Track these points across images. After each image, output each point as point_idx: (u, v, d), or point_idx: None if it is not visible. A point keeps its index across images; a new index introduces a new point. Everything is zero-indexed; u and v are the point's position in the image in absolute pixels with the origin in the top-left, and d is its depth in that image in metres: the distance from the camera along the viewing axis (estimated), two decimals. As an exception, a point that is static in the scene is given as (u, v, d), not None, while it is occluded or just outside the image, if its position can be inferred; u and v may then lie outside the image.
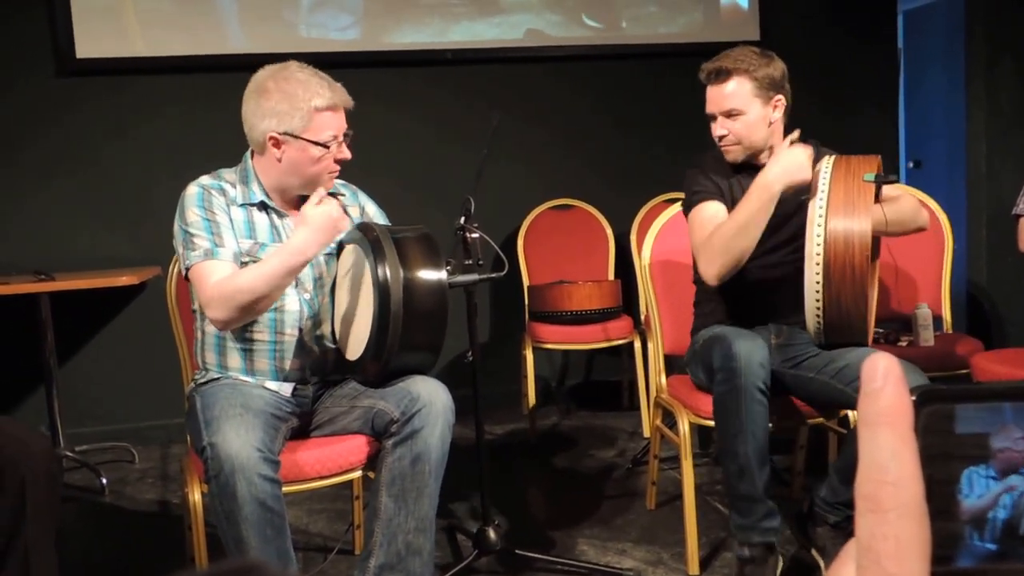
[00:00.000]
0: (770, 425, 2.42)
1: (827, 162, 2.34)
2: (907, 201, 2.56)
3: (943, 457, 0.40)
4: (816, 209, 2.27)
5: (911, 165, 6.13)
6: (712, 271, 2.50)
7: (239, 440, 2.02)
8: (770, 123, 2.58)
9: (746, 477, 2.39)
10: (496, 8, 4.68)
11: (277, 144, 2.28)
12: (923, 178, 5.83)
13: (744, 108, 2.55)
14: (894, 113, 5.33)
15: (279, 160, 2.30)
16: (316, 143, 2.27)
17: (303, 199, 2.41)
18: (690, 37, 4.87)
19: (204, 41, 4.30)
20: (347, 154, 2.34)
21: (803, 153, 2.42)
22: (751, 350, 2.36)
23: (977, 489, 0.40)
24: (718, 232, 2.49)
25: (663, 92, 4.90)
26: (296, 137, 2.26)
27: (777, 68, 2.57)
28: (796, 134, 2.52)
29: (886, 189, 2.51)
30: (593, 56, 4.79)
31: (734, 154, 2.62)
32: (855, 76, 5.03)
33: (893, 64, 5.33)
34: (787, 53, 2.74)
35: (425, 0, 4.59)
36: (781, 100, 2.58)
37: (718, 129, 2.61)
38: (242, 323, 2.25)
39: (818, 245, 2.25)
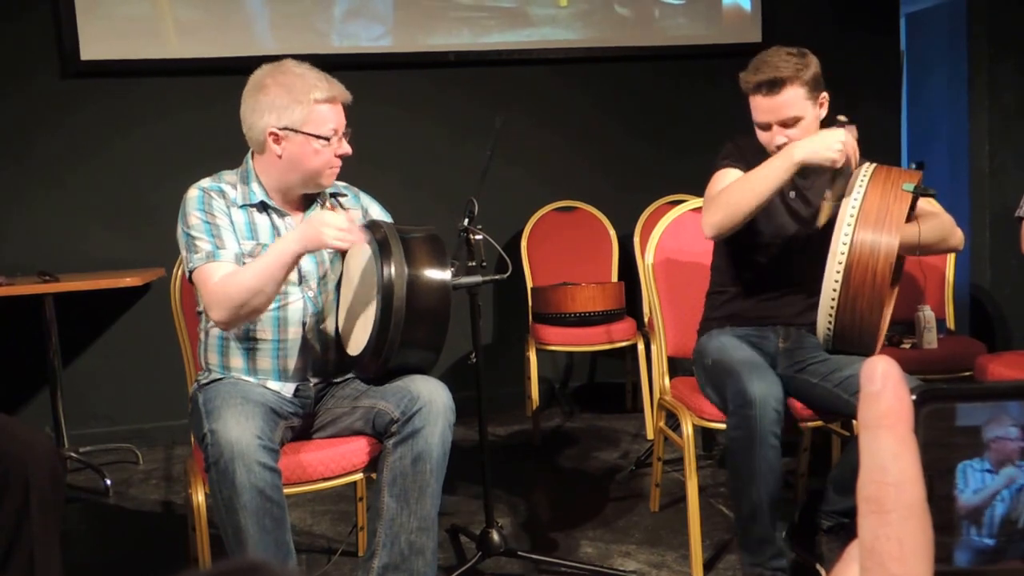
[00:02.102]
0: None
1: (866, 168, 2.34)
2: (943, 219, 2.54)
3: (943, 451, 0.41)
4: (848, 209, 2.26)
5: (913, 166, 6.13)
6: (712, 220, 2.50)
7: (239, 427, 2.03)
8: (819, 122, 2.58)
9: (758, 519, 2.40)
10: (526, 20, 4.70)
11: (277, 140, 2.28)
12: (926, 180, 5.80)
13: (801, 113, 2.53)
14: (896, 115, 5.33)
15: (279, 157, 2.29)
16: (316, 136, 2.27)
17: (306, 200, 2.41)
18: (693, 39, 4.88)
19: (236, 50, 4.32)
20: (347, 149, 2.34)
21: (840, 134, 2.39)
22: (766, 394, 2.34)
23: (972, 484, 0.41)
24: (731, 186, 2.49)
25: (666, 94, 4.90)
26: (296, 131, 2.26)
27: (816, 65, 2.56)
28: (849, 128, 2.48)
29: (923, 205, 2.50)
30: (596, 58, 4.80)
31: None
32: (857, 78, 5.03)
33: (896, 66, 5.33)
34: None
35: (456, 12, 4.61)
36: (826, 97, 2.57)
37: (777, 138, 2.55)
38: (243, 322, 2.26)
39: (844, 244, 2.24)
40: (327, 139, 2.28)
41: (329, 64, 2.47)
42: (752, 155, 2.63)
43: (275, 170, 2.33)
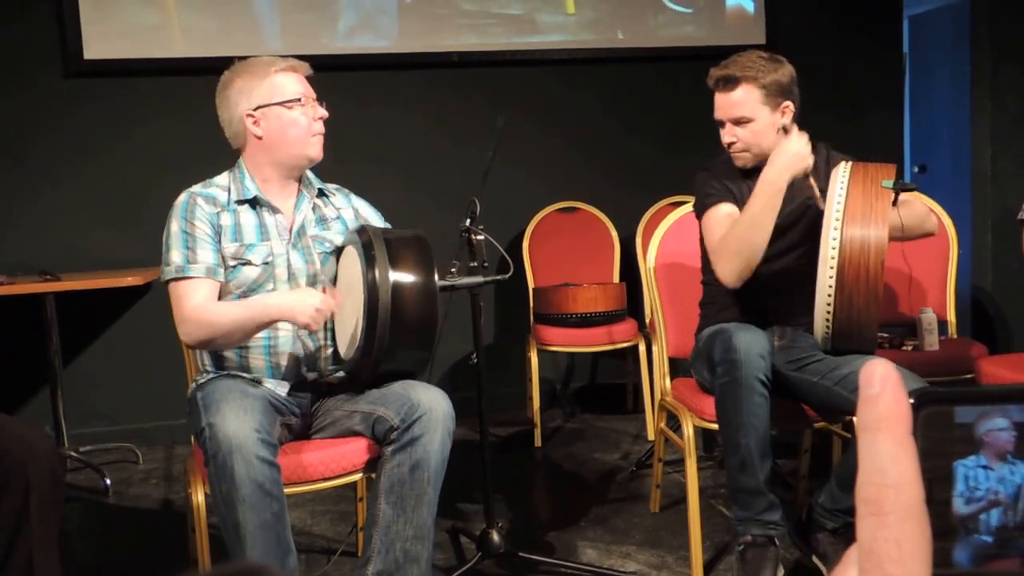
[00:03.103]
0: (773, 432, 2.42)
1: (844, 168, 2.35)
2: (917, 205, 2.57)
3: (941, 454, 0.41)
4: (832, 214, 2.27)
5: (916, 170, 6.12)
6: (729, 270, 2.51)
7: (237, 421, 2.03)
8: (779, 129, 2.58)
9: (747, 470, 2.40)
10: (533, 28, 4.70)
11: (255, 121, 2.34)
12: (928, 182, 5.83)
13: (752, 115, 2.55)
14: (899, 118, 5.33)
15: (261, 138, 2.35)
16: (286, 102, 2.34)
17: (299, 195, 2.42)
18: (696, 41, 4.87)
19: (240, 51, 4.31)
20: (324, 112, 2.40)
21: (801, 141, 2.44)
22: (750, 342, 2.36)
23: (967, 483, 0.41)
24: (731, 233, 2.50)
25: (669, 95, 4.90)
26: (267, 105, 2.33)
27: (785, 73, 2.57)
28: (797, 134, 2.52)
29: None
30: (599, 59, 4.80)
31: (743, 160, 2.63)
32: (860, 81, 5.03)
33: (898, 69, 5.33)
34: (793, 58, 2.73)
35: (463, 19, 4.61)
36: (789, 106, 2.58)
37: (727, 136, 2.61)
38: (209, 350, 2.33)
39: (833, 248, 2.24)
40: (297, 101, 2.35)
41: (332, 65, 2.49)
42: (726, 175, 2.65)
43: (262, 154, 2.37)
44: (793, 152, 2.44)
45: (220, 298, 2.31)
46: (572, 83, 4.81)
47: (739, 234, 2.48)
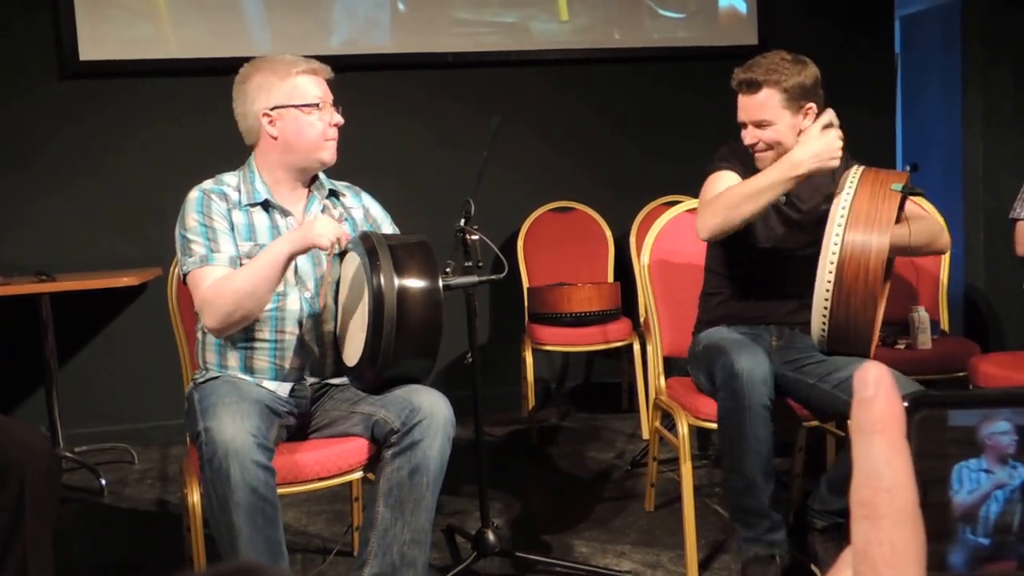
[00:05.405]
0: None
1: (856, 171, 2.37)
2: (931, 222, 2.58)
3: (936, 457, 0.41)
4: (838, 210, 2.28)
5: (908, 168, 6.12)
6: (709, 224, 2.50)
7: (234, 425, 2.03)
8: (800, 131, 2.57)
9: (752, 492, 2.41)
10: (527, 36, 4.71)
11: (271, 121, 2.33)
12: (920, 182, 5.81)
13: (774, 119, 2.55)
14: (891, 116, 5.34)
15: (276, 138, 2.34)
16: (304, 105, 2.33)
17: (310, 197, 2.42)
18: (689, 41, 4.88)
19: (234, 52, 4.32)
20: (339, 119, 2.39)
21: (838, 141, 2.42)
22: (753, 367, 2.36)
23: (968, 484, 0.41)
24: (730, 191, 2.49)
25: (662, 96, 4.91)
26: (285, 106, 2.33)
27: (809, 75, 2.56)
28: (830, 115, 2.48)
29: (913, 208, 2.52)
30: (593, 60, 4.80)
31: (765, 161, 2.60)
32: (853, 81, 5.04)
33: (890, 69, 5.34)
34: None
35: (457, 28, 4.62)
36: (812, 108, 2.57)
37: (748, 138, 2.60)
38: (235, 329, 2.27)
39: (835, 245, 2.26)
40: (315, 105, 2.34)
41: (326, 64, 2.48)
42: (747, 157, 2.65)
43: (275, 154, 2.36)
44: (828, 147, 2.41)
45: None
46: (567, 84, 4.81)
47: (737, 195, 2.46)
